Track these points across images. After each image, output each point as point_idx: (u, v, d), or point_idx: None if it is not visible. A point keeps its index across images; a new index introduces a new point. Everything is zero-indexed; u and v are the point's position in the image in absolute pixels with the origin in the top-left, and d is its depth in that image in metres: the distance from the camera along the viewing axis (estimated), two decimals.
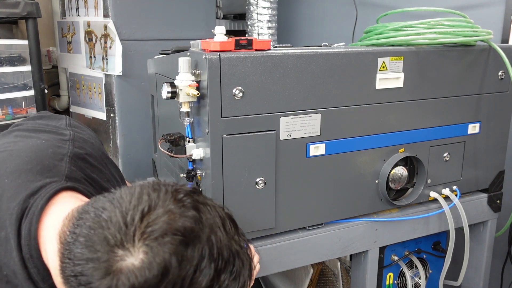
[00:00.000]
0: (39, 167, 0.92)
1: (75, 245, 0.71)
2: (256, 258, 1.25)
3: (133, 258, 0.68)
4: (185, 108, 1.21)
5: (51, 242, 0.79)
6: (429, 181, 1.51)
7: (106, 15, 2.25)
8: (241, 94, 1.16)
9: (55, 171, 0.93)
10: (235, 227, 0.82)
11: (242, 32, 2.73)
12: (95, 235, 0.70)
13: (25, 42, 2.10)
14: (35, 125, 1.06)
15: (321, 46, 1.50)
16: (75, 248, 0.71)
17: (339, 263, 1.71)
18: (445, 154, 1.52)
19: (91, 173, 1.03)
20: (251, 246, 1.27)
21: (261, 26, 2.27)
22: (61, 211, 0.81)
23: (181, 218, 0.71)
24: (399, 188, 1.48)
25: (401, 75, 1.38)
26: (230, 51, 1.16)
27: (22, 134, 1.02)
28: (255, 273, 1.22)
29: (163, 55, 1.55)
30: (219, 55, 1.12)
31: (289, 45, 1.51)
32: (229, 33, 1.91)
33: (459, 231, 1.53)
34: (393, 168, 1.42)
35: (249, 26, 2.31)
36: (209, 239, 0.72)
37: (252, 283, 0.80)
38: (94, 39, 2.34)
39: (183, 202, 0.73)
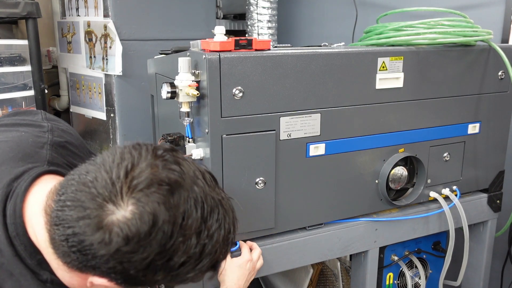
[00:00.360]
0: (21, 155, 0.93)
1: (64, 210, 0.73)
2: (258, 252, 1.26)
3: (123, 211, 0.70)
4: (185, 108, 1.21)
5: (37, 217, 0.80)
6: (429, 181, 1.51)
7: (106, 15, 2.25)
8: (241, 94, 1.16)
9: (37, 157, 0.95)
10: (215, 181, 0.85)
11: (242, 32, 2.72)
12: (83, 195, 0.71)
13: (25, 42, 2.10)
14: (13, 121, 1.08)
15: (321, 46, 1.50)
16: (64, 213, 0.72)
17: (339, 263, 1.71)
18: (445, 154, 1.52)
19: (73, 159, 1.05)
20: (253, 243, 1.28)
21: (261, 26, 2.27)
22: (44, 189, 0.83)
23: (164, 170, 0.73)
24: (399, 188, 1.48)
25: (401, 75, 1.38)
26: (230, 51, 1.16)
27: (1, 129, 1.04)
28: (256, 261, 1.23)
29: (163, 55, 1.55)
30: (219, 55, 1.12)
31: (289, 45, 1.51)
32: (229, 33, 1.92)
33: (459, 231, 1.53)
34: (393, 168, 1.42)
35: (249, 26, 2.31)
36: (192, 188, 0.75)
37: (235, 233, 0.84)
38: (94, 39, 2.34)
39: (163, 157, 0.76)
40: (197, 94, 1.15)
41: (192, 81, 1.16)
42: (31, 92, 2.16)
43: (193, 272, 0.78)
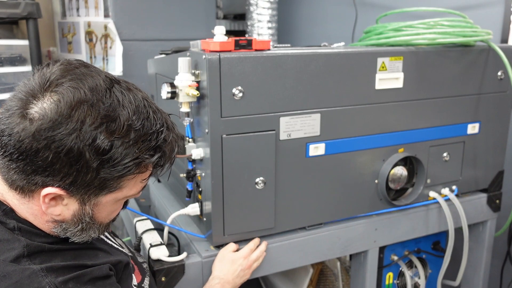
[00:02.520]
0: None
1: None
2: (258, 252, 1.26)
3: (44, 101, 0.80)
4: (185, 108, 1.21)
5: None
6: (428, 181, 1.51)
7: (106, 15, 2.25)
8: (240, 94, 1.17)
9: None
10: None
11: (242, 32, 2.73)
12: (11, 101, 0.83)
13: (25, 42, 2.10)
14: None
15: (321, 46, 1.50)
16: None
17: (339, 263, 1.71)
18: (445, 154, 1.52)
19: None
20: (264, 242, 1.29)
21: (261, 26, 2.27)
22: None
23: (72, 66, 0.85)
24: (398, 188, 1.48)
25: (401, 75, 1.38)
26: (230, 51, 1.16)
27: None
28: (253, 260, 1.26)
29: (163, 55, 1.55)
30: (219, 55, 1.13)
31: (289, 45, 1.51)
32: (229, 33, 1.92)
33: (459, 231, 1.53)
34: (392, 168, 1.42)
35: (249, 26, 2.31)
36: (100, 75, 0.85)
37: (167, 129, 0.91)
38: (94, 39, 2.35)
39: (71, 63, 0.87)
40: (197, 94, 1.16)
41: (192, 81, 1.17)
42: None
43: (127, 158, 0.83)
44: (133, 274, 1.04)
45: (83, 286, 0.85)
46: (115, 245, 1.06)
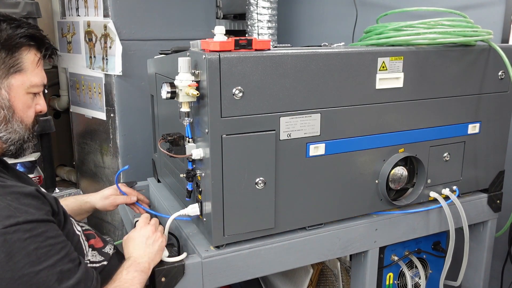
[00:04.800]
0: None
1: None
2: (145, 217, 1.33)
3: None
4: (185, 108, 1.21)
5: None
6: (429, 181, 1.51)
7: (106, 15, 2.25)
8: (240, 94, 1.16)
9: None
10: None
11: (242, 32, 2.73)
12: None
13: None
14: None
15: (321, 46, 1.50)
16: None
17: (339, 263, 1.71)
18: (445, 154, 1.52)
19: None
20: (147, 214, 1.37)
21: (261, 26, 2.27)
22: None
23: None
24: (399, 188, 1.48)
25: (401, 75, 1.38)
26: (230, 51, 1.16)
27: None
28: (153, 225, 1.29)
29: (163, 55, 1.55)
30: (219, 55, 1.12)
31: (289, 45, 1.51)
32: (229, 33, 1.91)
33: (459, 231, 1.53)
34: (393, 168, 1.42)
35: (249, 26, 2.31)
36: None
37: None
38: (94, 39, 2.34)
39: None
40: (197, 94, 1.15)
41: (192, 81, 1.16)
42: None
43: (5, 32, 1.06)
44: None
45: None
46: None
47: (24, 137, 1.13)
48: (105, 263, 1.23)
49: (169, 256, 1.23)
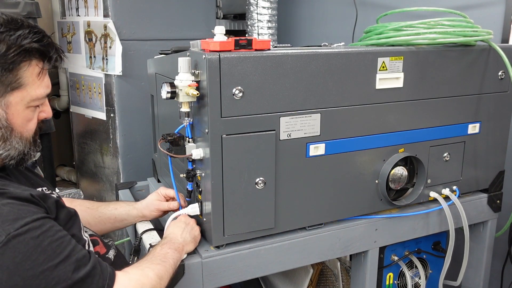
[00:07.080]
0: None
1: None
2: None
3: None
4: (185, 108, 1.21)
5: None
6: (429, 181, 1.51)
7: (106, 15, 2.25)
8: (240, 94, 1.16)
9: None
10: None
11: (242, 32, 2.73)
12: None
13: None
14: None
15: (321, 46, 1.50)
16: None
17: (339, 263, 1.71)
18: (445, 154, 1.52)
19: None
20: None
21: (261, 26, 2.27)
22: None
23: None
24: (399, 188, 1.48)
25: (401, 75, 1.38)
26: (230, 51, 1.16)
27: None
28: (191, 219, 1.31)
29: (163, 55, 1.55)
30: (219, 55, 1.12)
31: (289, 45, 1.51)
32: (229, 33, 1.92)
33: (459, 231, 1.53)
34: (393, 168, 1.42)
35: (249, 26, 2.31)
36: None
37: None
38: (94, 39, 2.34)
39: None
40: (197, 94, 1.15)
41: (192, 81, 1.16)
42: None
43: (4, 46, 0.96)
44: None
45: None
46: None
47: (24, 151, 1.06)
48: None
49: None
